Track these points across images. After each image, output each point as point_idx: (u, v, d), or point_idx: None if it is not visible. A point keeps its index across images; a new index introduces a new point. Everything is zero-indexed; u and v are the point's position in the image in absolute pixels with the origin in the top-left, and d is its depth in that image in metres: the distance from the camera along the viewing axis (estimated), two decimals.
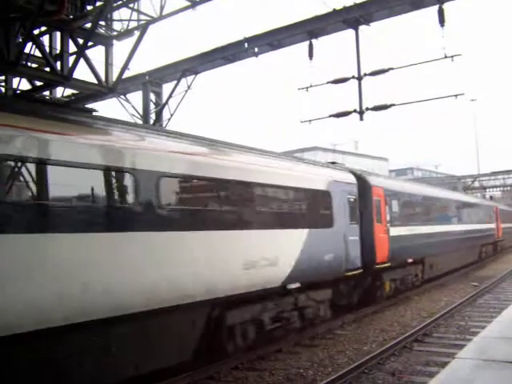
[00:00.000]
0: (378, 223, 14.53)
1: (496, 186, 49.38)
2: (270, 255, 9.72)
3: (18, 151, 6.03)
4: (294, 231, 10.75)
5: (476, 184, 48.11)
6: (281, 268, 10.04)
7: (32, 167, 6.28)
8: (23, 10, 9.03)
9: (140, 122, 15.43)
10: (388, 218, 15.31)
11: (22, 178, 6.31)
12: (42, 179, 6.43)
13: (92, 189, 6.93)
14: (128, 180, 7.37)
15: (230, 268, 8.83)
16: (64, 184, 6.60)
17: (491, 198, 48.87)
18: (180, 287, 7.75)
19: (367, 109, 12.84)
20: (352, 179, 13.82)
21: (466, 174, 48.90)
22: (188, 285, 7.91)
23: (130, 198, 7.39)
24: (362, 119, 12.86)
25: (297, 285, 10.62)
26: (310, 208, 11.68)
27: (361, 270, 13.38)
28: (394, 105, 12.91)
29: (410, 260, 16.86)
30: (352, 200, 13.36)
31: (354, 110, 12.89)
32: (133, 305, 7.01)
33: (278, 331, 10.51)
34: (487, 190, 49.48)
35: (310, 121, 13.97)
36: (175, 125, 15.80)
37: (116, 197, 7.45)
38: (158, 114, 15.91)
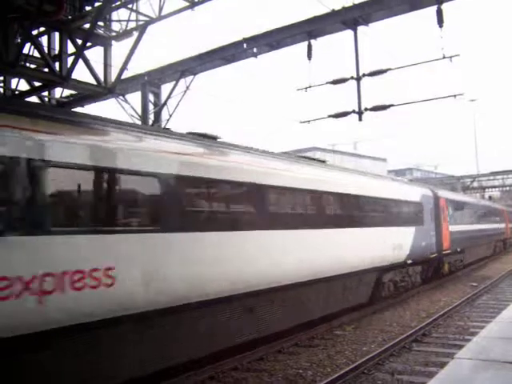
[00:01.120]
0: (443, 223, 20.44)
1: (495, 187, 49.43)
2: (400, 242, 15.69)
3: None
4: (408, 228, 16.72)
5: (475, 184, 48.15)
6: (404, 251, 16.04)
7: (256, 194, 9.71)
8: (22, 10, 9.03)
9: (138, 122, 15.42)
10: (448, 219, 21.33)
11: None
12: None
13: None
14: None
15: (385, 250, 14.72)
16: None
17: (490, 198, 48.94)
18: (364, 262, 13.40)
19: (366, 109, 12.84)
20: (430, 193, 19.85)
21: (465, 174, 48.92)
22: (366, 260, 13.54)
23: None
24: (360, 120, 12.87)
25: (410, 261, 16.64)
26: (413, 212, 17.62)
27: (436, 254, 19.37)
28: (392, 105, 12.92)
29: (458, 249, 22.91)
30: (431, 207, 19.26)
31: (353, 111, 12.90)
32: (334, 271, 11.98)
33: (401, 287, 16.82)
34: (486, 190, 49.54)
35: (308, 121, 13.98)
36: (174, 125, 15.77)
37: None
38: (157, 115, 15.90)
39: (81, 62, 10.28)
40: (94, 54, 11.65)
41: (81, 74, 10.70)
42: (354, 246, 12.73)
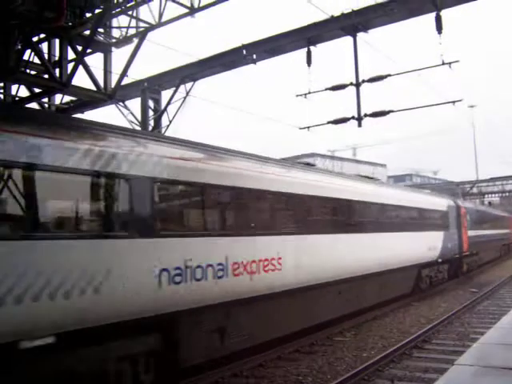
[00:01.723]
0: (463, 228, 23.75)
1: (494, 192, 49.41)
2: (434, 244, 19.42)
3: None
4: (439, 232, 20.33)
5: (474, 190, 48.15)
6: (436, 251, 19.61)
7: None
8: (22, 16, 9.05)
9: (138, 128, 15.44)
10: (466, 225, 24.62)
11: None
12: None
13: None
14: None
15: (424, 250, 18.20)
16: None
17: (490, 204, 48.92)
18: (409, 259, 16.71)
19: (365, 115, 12.88)
20: (453, 203, 23.42)
21: (464, 180, 48.91)
22: (411, 258, 16.96)
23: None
24: (360, 126, 12.90)
25: (440, 260, 20.06)
26: (442, 219, 21.23)
27: (458, 255, 22.69)
28: (392, 111, 12.96)
29: (474, 251, 26.02)
30: (454, 215, 22.80)
31: (353, 117, 12.93)
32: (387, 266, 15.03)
33: (434, 281, 20.19)
34: (485, 196, 49.53)
35: (308, 127, 14.02)
36: (173, 132, 15.78)
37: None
38: (157, 121, 15.92)
39: (81, 68, 10.30)
40: (95, 60, 11.69)
41: (81, 80, 10.73)
42: (404, 247, 16.26)
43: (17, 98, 11.59)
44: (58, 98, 12.80)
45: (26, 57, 9.82)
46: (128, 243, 7.01)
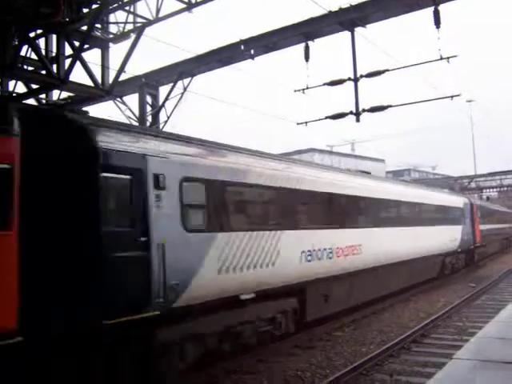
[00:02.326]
0: (476, 223, 27.26)
1: (493, 187, 49.43)
2: (454, 236, 22.64)
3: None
4: (458, 226, 23.66)
5: (473, 185, 48.19)
6: (456, 242, 22.82)
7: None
8: (19, 12, 9.01)
9: (136, 124, 15.41)
10: (478, 220, 28.20)
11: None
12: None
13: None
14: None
15: (447, 241, 21.47)
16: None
17: (488, 198, 48.97)
18: (437, 248, 20.08)
19: (364, 110, 12.86)
20: (467, 201, 27.04)
21: (462, 175, 48.95)
22: (439, 247, 20.31)
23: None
24: (358, 121, 12.88)
25: (459, 250, 23.50)
26: (460, 215, 24.60)
27: (472, 247, 26.32)
28: (390, 106, 12.93)
29: (484, 243, 29.34)
30: (469, 211, 26.21)
31: (351, 112, 12.91)
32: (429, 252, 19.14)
33: (455, 268, 23.75)
34: (484, 190, 49.56)
35: (306, 122, 13.99)
36: (171, 127, 15.77)
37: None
38: (155, 117, 15.90)
39: (78, 64, 10.27)
40: (92, 56, 11.66)
41: (78, 76, 10.70)
42: (435, 238, 19.89)
43: (14, 95, 11.56)
44: (56, 95, 12.78)
45: (23, 53, 9.80)
46: (288, 233, 10.49)
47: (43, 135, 6.84)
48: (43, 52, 10.38)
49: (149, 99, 16.10)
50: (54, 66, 10.20)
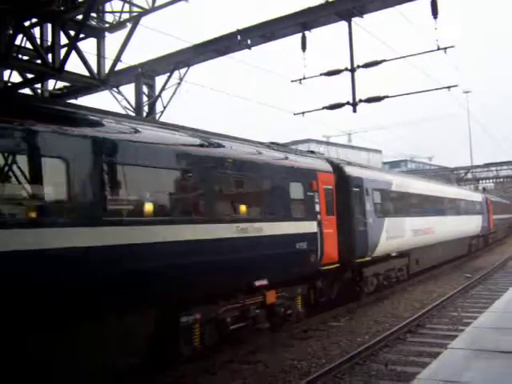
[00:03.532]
0: (490, 214, 34.36)
1: (489, 178, 49.56)
2: (477, 224, 30.12)
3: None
4: (479, 215, 31.05)
5: (469, 176, 48.29)
6: (478, 228, 30.38)
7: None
8: (13, 0, 8.92)
9: (133, 114, 15.34)
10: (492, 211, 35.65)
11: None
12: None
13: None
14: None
15: (473, 226, 29.12)
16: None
17: (484, 189, 49.11)
18: (467, 231, 27.67)
19: (360, 101, 12.81)
20: (484, 196, 34.99)
21: (459, 166, 49.04)
22: (468, 231, 27.96)
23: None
24: (355, 111, 12.83)
25: (480, 234, 31.24)
26: (481, 207, 32.05)
27: (488, 232, 33.89)
28: (387, 96, 12.89)
29: (493, 230, 36.42)
30: (485, 204, 33.51)
31: (347, 102, 12.86)
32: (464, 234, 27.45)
33: (478, 247, 31.73)
34: (480, 181, 49.68)
35: (303, 113, 13.95)
36: (168, 117, 15.69)
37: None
38: (151, 107, 15.82)
39: (74, 53, 10.18)
40: (88, 45, 11.55)
41: (74, 65, 10.62)
42: (468, 224, 27.51)
43: (9, 84, 11.47)
44: (51, 84, 12.69)
45: (17, 42, 9.70)
46: (409, 219, 17.77)
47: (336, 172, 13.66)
48: (38, 41, 10.28)
49: (145, 89, 16.00)
50: (50, 56, 10.10)
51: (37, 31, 10.72)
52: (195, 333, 8.59)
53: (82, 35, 10.61)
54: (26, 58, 10.58)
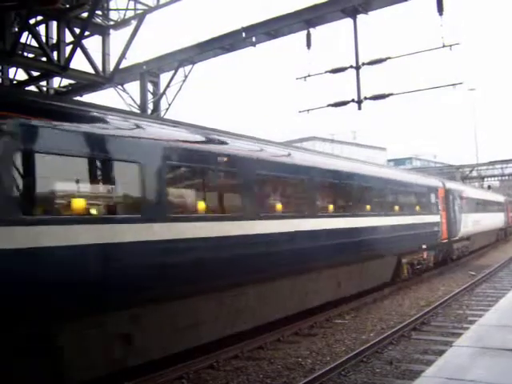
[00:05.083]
0: (509, 211, 42.70)
1: (494, 176, 49.25)
2: (500, 219, 38.59)
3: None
4: (501, 213, 39.62)
5: (474, 173, 48.09)
6: (502, 223, 39.12)
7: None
8: None
9: (137, 111, 15.37)
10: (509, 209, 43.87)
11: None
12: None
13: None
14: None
15: (497, 222, 36.92)
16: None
17: (489, 187, 48.92)
18: (492, 226, 34.64)
19: (365, 98, 12.79)
20: (505, 197, 43.95)
21: (464, 164, 48.80)
22: (494, 226, 35.38)
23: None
24: (360, 109, 12.82)
25: (503, 227, 40.01)
26: (502, 206, 40.46)
27: (507, 226, 41.91)
28: (392, 94, 12.85)
29: (511, 224, 43.96)
30: (505, 204, 41.88)
31: (352, 100, 12.84)
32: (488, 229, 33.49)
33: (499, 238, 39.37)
34: (485, 179, 49.45)
35: (307, 110, 13.92)
36: (173, 114, 15.73)
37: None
38: (156, 104, 15.85)
39: (79, 51, 10.22)
40: (93, 43, 11.59)
41: (79, 63, 10.65)
42: (495, 220, 35.13)
43: (14, 82, 11.52)
44: (56, 82, 12.74)
45: (23, 39, 9.74)
46: (473, 215, 26.82)
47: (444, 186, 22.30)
48: (43, 39, 10.32)
49: (150, 87, 16.04)
50: (55, 53, 10.16)
51: (42, 29, 10.78)
52: (404, 267, 17.13)
53: (87, 33, 10.66)
54: (31, 55, 10.62)
